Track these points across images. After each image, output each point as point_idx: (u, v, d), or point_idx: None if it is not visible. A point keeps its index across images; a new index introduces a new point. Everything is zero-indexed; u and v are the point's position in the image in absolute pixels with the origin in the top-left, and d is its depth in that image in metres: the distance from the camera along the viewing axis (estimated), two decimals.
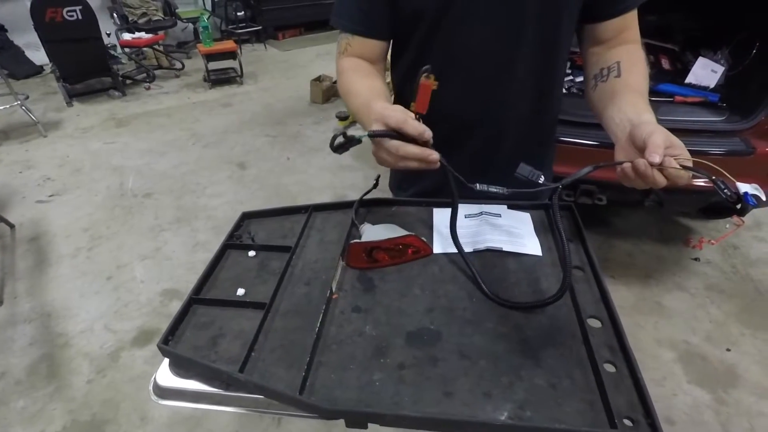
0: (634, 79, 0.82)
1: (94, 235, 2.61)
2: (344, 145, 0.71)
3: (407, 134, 0.66)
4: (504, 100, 0.92)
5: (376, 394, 0.60)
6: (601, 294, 0.74)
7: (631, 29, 0.88)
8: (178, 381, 0.67)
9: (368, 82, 0.87)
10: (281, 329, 0.71)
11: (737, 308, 2.10)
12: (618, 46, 0.88)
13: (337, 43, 0.95)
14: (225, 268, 0.85)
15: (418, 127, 0.66)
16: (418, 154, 0.67)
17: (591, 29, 0.89)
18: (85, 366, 1.81)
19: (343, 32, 0.92)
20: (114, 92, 4.80)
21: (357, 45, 0.91)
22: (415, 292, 0.76)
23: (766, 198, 0.66)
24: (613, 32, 0.87)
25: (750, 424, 1.62)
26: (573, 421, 0.56)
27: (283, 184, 3.15)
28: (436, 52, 0.88)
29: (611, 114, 0.80)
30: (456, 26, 0.84)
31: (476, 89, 0.90)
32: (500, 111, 0.93)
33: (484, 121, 0.94)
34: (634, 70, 0.84)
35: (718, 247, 2.48)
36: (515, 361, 0.64)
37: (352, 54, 0.92)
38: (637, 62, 0.85)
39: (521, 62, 0.87)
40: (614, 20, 0.86)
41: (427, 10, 0.84)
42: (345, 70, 0.92)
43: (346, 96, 0.90)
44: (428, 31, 0.86)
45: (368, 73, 0.90)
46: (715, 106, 2.02)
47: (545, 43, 0.86)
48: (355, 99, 0.86)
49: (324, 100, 4.55)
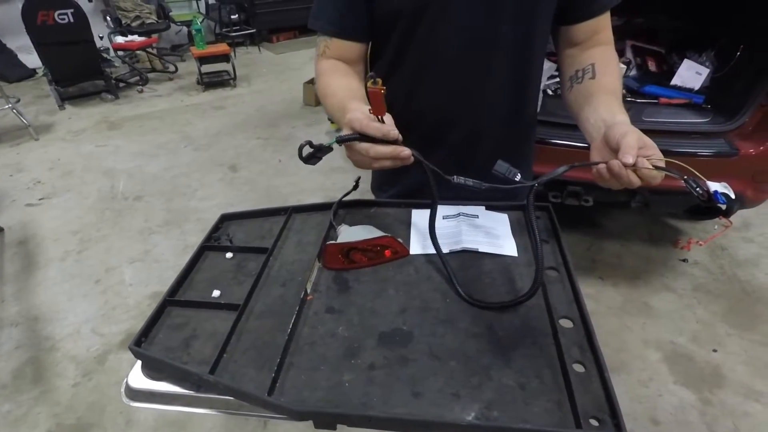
0: (608, 81, 0.84)
1: (83, 238, 2.60)
2: (314, 155, 0.72)
3: (372, 136, 0.66)
4: (481, 98, 0.92)
5: (345, 395, 0.60)
6: (573, 294, 0.74)
7: (604, 31, 0.89)
8: (150, 383, 0.67)
9: (344, 83, 0.88)
10: (254, 330, 0.71)
11: (724, 309, 2.12)
12: (592, 48, 0.89)
13: (316, 46, 0.95)
14: (202, 270, 0.85)
15: (381, 128, 0.67)
16: (389, 153, 0.68)
17: (565, 31, 0.90)
18: (71, 369, 1.80)
19: (321, 34, 0.93)
20: (106, 95, 4.79)
21: (335, 47, 0.92)
22: (389, 293, 0.76)
23: (734, 197, 0.67)
24: (586, 34, 0.89)
25: (734, 424, 1.63)
26: (539, 421, 0.57)
27: (274, 186, 3.14)
28: (413, 53, 0.89)
29: (586, 115, 0.81)
30: (433, 26, 0.85)
31: (453, 88, 0.91)
32: (478, 109, 0.94)
33: (462, 119, 0.95)
34: (607, 71, 0.85)
35: (706, 248, 2.50)
36: (485, 361, 0.64)
37: (331, 56, 0.93)
38: (610, 63, 0.86)
39: (498, 61, 0.88)
40: (587, 22, 0.87)
41: (404, 11, 0.84)
42: (323, 72, 0.92)
43: (324, 98, 0.91)
44: (406, 31, 0.87)
45: (345, 73, 0.91)
46: (700, 108, 2.04)
47: (521, 43, 0.87)
48: (331, 100, 0.87)
49: (317, 103, 4.55)
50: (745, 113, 1.80)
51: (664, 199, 2.00)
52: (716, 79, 2.11)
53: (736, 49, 2.04)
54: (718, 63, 2.13)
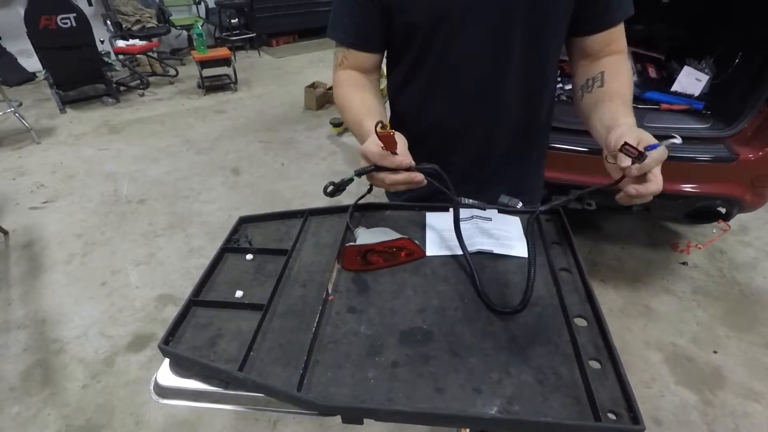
0: (616, 87, 0.86)
1: (87, 241, 2.60)
2: (337, 190, 0.76)
3: (388, 168, 0.71)
4: (494, 110, 0.94)
5: (370, 391, 0.62)
6: (587, 294, 0.77)
7: (617, 42, 0.91)
8: (179, 380, 0.68)
9: (360, 97, 0.90)
10: (278, 330, 0.73)
11: (723, 311, 2.15)
12: (603, 57, 0.91)
13: (334, 55, 0.98)
14: (223, 271, 0.87)
15: (394, 160, 0.71)
16: (404, 180, 0.73)
17: (579, 42, 0.92)
18: (80, 371, 1.81)
19: (339, 45, 0.95)
20: (107, 99, 4.80)
21: (353, 58, 0.94)
22: (408, 293, 0.78)
23: (681, 141, 0.69)
24: (600, 45, 0.91)
25: (735, 424, 1.66)
26: (559, 415, 0.59)
27: (276, 190, 3.16)
28: (428, 66, 0.91)
29: (594, 123, 0.84)
30: (449, 40, 0.87)
31: (466, 101, 0.93)
32: (490, 121, 0.96)
33: (474, 130, 0.97)
34: (617, 78, 0.87)
35: (705, 252, 2.54)
36: (504, 358, 0.66)
37: (348, 66, 0.95)
38: (620, 71, 0.88)
39: (511, 74, 0.90)
40: (601, 34, 0.89)
41: (420, 24, 0.86)
42: (340, 84, 0.95)
43: (341, 111, 0.94)
44: (422, 44, 0.89)
45: (361, 86, 0.93)
46: (699, 114, 2.08)
47: (534, 55, 0.89)
48: (348, 115, 0.90)
49: (318, 107, 4.59)
50: (744, 119, 1.84)
51: (665, 203, 2.04)
52: (715, 85, 2.15)
53: (734, 56, 2.08)
54: (717, 70, 2.17)
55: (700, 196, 1.91)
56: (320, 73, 5.41)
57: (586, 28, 0.89)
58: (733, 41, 2.12)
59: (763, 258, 2.49)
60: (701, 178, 1.90)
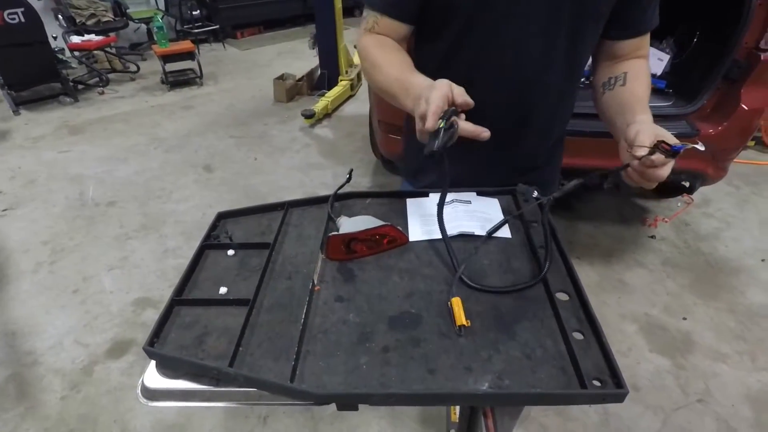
0: (637, 88, 0.88)
1: (55, 248, 2.50)
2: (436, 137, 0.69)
3: (464, 106, 0.72)
4: (531, 101, 0.93)
5: (363, 377, 0.63)
6: (567, 270, 0.79)
7: (643, 48, 0.93)
8: (167, 382, 0.67)
9: (397, 57, 0.87)
10: (266, 323, 0.72)
11: (690, 280, 2.26)
12: (628, 60, 0.93)
13: (363, 19, 0.93)
14: (204, 269, 0.85)
15: (469, 100, 0.73)
16: (473, 131, 0.73)
17: (609, 45, 0.93)
18: (57, 383, 1.75)
19: (372, 10, 0.90)
20: (65, 98, 4.59)
21: (384, 25, 0.90)
22: (394, 279, 0.79)
23: (704, 149, 0.76)
24: (628, 50, 0.92)
25: (705, 384, 1.75)
26: (547, 386, 0.61)
27: (251, 185, 3.11)
28: (468, 49, 0.89)
29: (614, 119, 0.87)
30: (493, 26, 0.85)
31: (505, 89, 0.91)
32: (527, 107, 0.94)
33: (509, 118, 0.94)
34: (638, 79, 0.89)
35: (672, 225, 2.64)
36: (492, 336, 0.68)
37: (379, 32, 0.91)
38: (642, 74, 0.91)
39: (552, 66, 0.89)
40: (632, 40, 0.91)
41: (462, 6, 0.84)
42: (370, 46, 0.90)
43: (373, 71, 0.89)
44: (462, 27, 0.86)
45: (394, 47, 0.89)
46: (662, 92, 2.15)
47: (573, 50, 0.89)
48: (386, 72, 0.86)
49: (288, 99, 4.52)
50: (703, 96, 1.92)
51: None
52: (676, 64, 2.22)
53: (692, 36, 2.16)
54: (677, 49, 2.24)
55: None
56: (289, 65, 5.31)
57: (621, 34, 0.91)
58: (691, 22, 2.20)
59: (725, 228, 2.62)
60: None
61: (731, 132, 1.89)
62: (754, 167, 3.19)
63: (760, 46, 1.79)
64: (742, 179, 3.04)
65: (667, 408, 1.67)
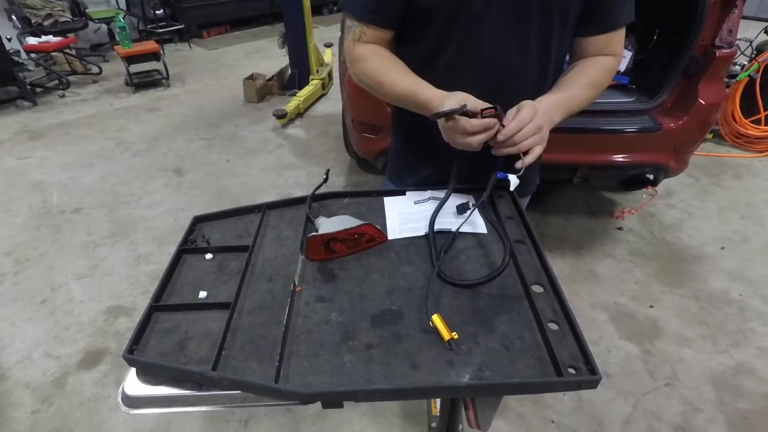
0: (570, 79, 0.92)
1: (19, 258, 2.40)
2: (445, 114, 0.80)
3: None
4: (509, 97, 0.93)
5: (348, 375, 0.64)
6: (541, 263, 0.82)
7: (612, 46, 0.95)
8: (148, 388, 0.66)
9: (396, 67, 0.92)
10: (248, 326, 0.72)
11: (656, 269, 2.35)
12: (596, 57, 0.95)
13: (346, 29, 0.95)
14: (183, 274, 0.84)
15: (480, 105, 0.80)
16: (484, 124, 0.79)
17: (580, 42, 0.96)
18: (27, 397, 1.68)
19: (356, 21, 0.92)
20: (23, 102, 4.39)
21: (370, 34, 0.92)
22: (374, 278, 0.80)
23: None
24: (597, 47, 0.94)
25: (672, 369, 1.84)
26: (525, 375, 0.63)
27: (224, 188, 3.06)
28: (446, 50, 0.92)
29: None
30: (470, 27, 0.88)
31: (483, 87, 0.91)
32: (504, 107, 0.96)
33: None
34: (582, 72, 0.93)
35: (638, 216, 2.75)
36: (472, 329, 0.70)
37: (367, 41, 0.93)
38: (592, 68, 0.93)
39: (527, 63, 0.92)
40: (600, 37, 0.93)
41: (441, 8, 0.86)
42: (366, 58, 0.93)
43: (377, 84, 0.93)
44: (441, 29, 0.89)
45: (388, 57, 0.94)
46: (626, 88, 2.24)
47: (546, 47, 0.91)
48: (391, 88, 0.92)
49: (259, 99, 4.46)
50: (664, 92, 2.01)
51: (601, 173, 2.19)
52: (638, 61, 2.31)
53: (653, 33, 2.25)
54: (639, 46, 2.33)
55: (631, 165, 2.08)
56: (258, 65, 5.24)
57: (588, 30, 0.93)
58: (651, 20, 2.29)
59: (687, 218, 2.74)
60: (631, 149, 2.06)
61: (691, 125, 1.98)
62: (712, 159, 3.35)
63: (715, 43, 1.88)
64: (702, 171, 3.19)
65: (637, 393, 1.74)
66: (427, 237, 0.87)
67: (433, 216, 0.88)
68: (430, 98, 0.85)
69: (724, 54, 1.88)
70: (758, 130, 3.40)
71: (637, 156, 2.05)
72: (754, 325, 2.03)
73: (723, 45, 1.88)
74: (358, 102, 2.16)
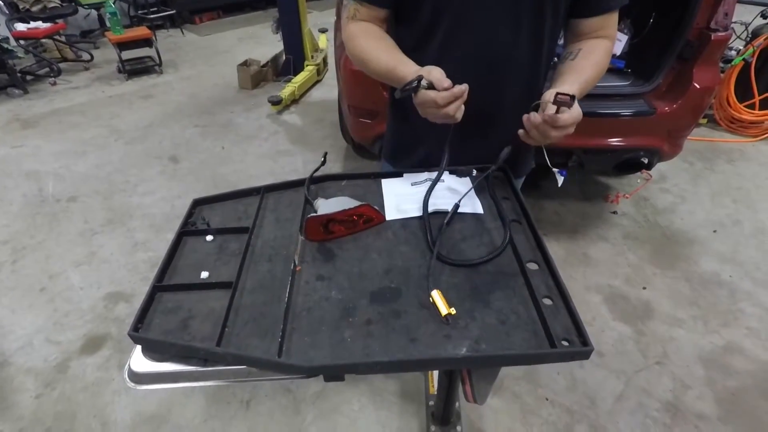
0: (581, 63, 0.92)
1: (16, 247, 2.39)
2: (407, 90, 0.82)
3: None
4: (502, 79, 0.96)
5: (348, 349, 0.66)
6: (536, 242, 0.84)
7: (608, 28, 0.95)
8: (154, 365, 0.68)
9: (384, 45, 0.93)
10: (250, 305, 0.74)
11: (649, 252, 2.39)
12: (590, 39, 0.96)
13: (343, 8, 0.98)
14: (184, 255, 0.85)
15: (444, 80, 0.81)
16: (454, 93, 0.80)
17: (575, 24, 0.96)
18: (30, 382, 1.70)
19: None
20: (13, 90, 4.33)
21: (364, 12, 0.95)
22: (373, 257, 0.82)
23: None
24: (593, 28, 0.95)
25: (663, 348, 1.88)
26: (520, 347, 0.66)
27: (220, 175, 3.06)
28: (439, 31, 0.92)
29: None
30: (461, 10, 0.88)
31: (476, 69, 0.94)
32: (501, 84, 0.97)
33: (486, 92, 0.96)
34: (587, 58, 0.92)
35: (632, 201, 2.78)
36: (468, 305, 0.72)
37: (361, 19, 0.95)
38: (595, 52, 0.93)
39: (519, 45, 0.92)
40: (594, 18, 0.93)
41: None
42: (357, 35, 0.95)
43: (364, 61, 0.95)
44: (432, 11, 0.90)
45: (380, 36, 0.95)
46: (621, 72, 2.24)
47: (538, 29, 0.91)
48: (375, 63, 0.92)
49: (254, 86, 4.42)
50: (659, 75, 2.01)
51: (597, 157, 2.20)
52: (634, 44, 2.31)
53: (648, 17, 2.25)
54: (635, 30, 2.33)
55: (625, 148, 2.09)
56: (252, 51, 5.18)
57: (583, 12, 0.93)
58: (646, 3, 2.28)
59: (680, 202, 2.77)
60: (626, 133, 2.07)
61: (685, 109, 1.99)
62: (706, 144, 3.38)
63: (710, 27, 1.88)
64: (696, 155, 3.22)
65: (628, 371, 1.78)
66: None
67: (426, 195, 0.89)
68: (405, 75, 0.85)
69: (720, 37, 1.88)
70: (753, 115, 3.42)
71: (632, 140, 2.06)
72: (744, 305, 2.07)
73: (718, 28, 1.88)
74: (354, 87, 2.16)
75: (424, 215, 0.87)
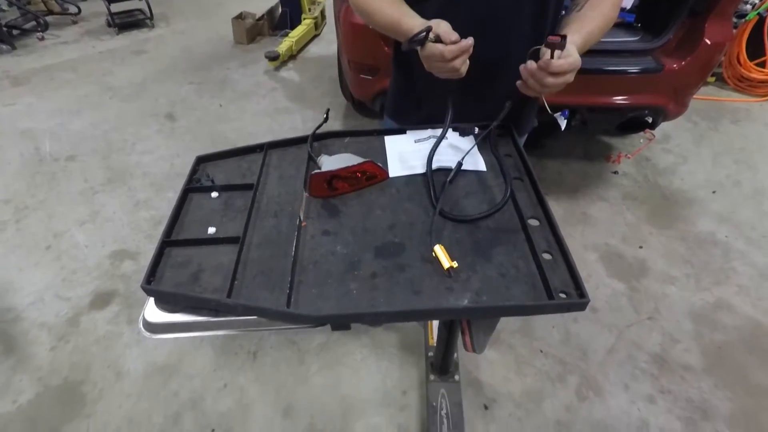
0: (588, 15, 0.89)
1: (18, 206, 2.40)
2: (415, 41, 0.81)
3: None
4: (506, 32, 0.94)
5: (354, 301, 0.68)
6: (538, 198, 0.85)
7: None
8: (166, 316, 0.71)
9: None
10: (258, 259, 0.76)
11: (647, 212, 2.41)
12: None
13: None
14: (190, 212, 0.87)
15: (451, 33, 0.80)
16: (461, 47, 0.79)
17: None
18: (44, 335, 1.76)
19: None
20: (0, 46, 4.19)
21: None
22: (376, 213, 0.83)
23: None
24: None
25: (655, 304, 1.94)
26: (519, 299, 0.68)
27: (218, 132, 3.02)
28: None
29: None
30: None
31: (483, 21, 0.92)
32: (502, 41, 0.95)
33: (487, 60, 0.94)
34: (594, 9, 0.90)
35: (634, 161, 2.77)
36: (470, 259, 0.74)
37: None
38: (603, 3, 0.91)
39: (523, 9, 0.90)
40: None
41: None
42: None
43: (368, 14, 0.93)
44: None
45: None
46: (630, 27, 2.17)
47: None
48: (380, 16, 0.91)
49: (249, 40, 4.28)
50: (670, 31, 1.95)
51: (599, 116, 2.18)
52: None
53: None
54: None
55: (630, 107, 2.06)
56: (247, 4, 4.98)
57: None
58: None
59: (681, 162, 2.77)
60: (632, 90, 2.03)
61: (694, 67, 1.94)
62: (711, 103, 3.32)
63: None
64: (701, 115, 3.18)
65: (620, 325, 1.85)
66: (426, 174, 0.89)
67: (431, 153, 0.89)
68: (411, 27, 0.83)
69: None
70: (762, 74, 3.34)
71: (637, 98, 2.03)
72: (736, 264, 2.11)
73: None
74: (354, 42, 2.10)
75: (428, 172, 0.88)
